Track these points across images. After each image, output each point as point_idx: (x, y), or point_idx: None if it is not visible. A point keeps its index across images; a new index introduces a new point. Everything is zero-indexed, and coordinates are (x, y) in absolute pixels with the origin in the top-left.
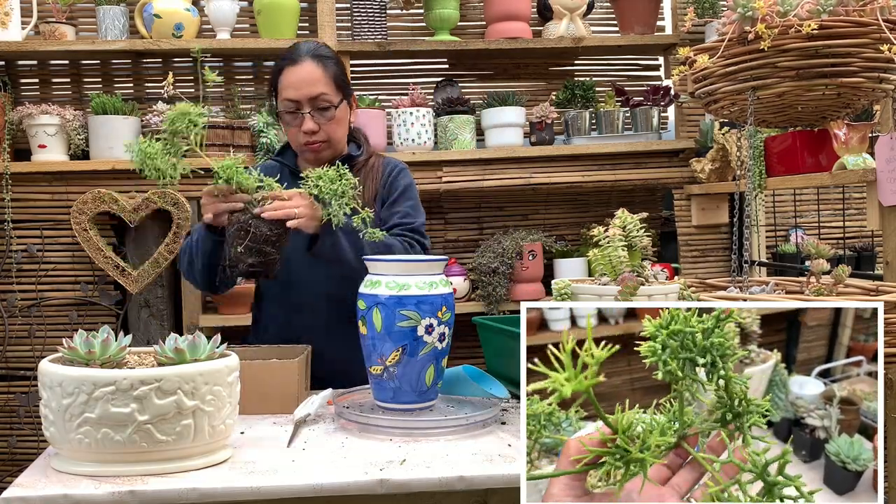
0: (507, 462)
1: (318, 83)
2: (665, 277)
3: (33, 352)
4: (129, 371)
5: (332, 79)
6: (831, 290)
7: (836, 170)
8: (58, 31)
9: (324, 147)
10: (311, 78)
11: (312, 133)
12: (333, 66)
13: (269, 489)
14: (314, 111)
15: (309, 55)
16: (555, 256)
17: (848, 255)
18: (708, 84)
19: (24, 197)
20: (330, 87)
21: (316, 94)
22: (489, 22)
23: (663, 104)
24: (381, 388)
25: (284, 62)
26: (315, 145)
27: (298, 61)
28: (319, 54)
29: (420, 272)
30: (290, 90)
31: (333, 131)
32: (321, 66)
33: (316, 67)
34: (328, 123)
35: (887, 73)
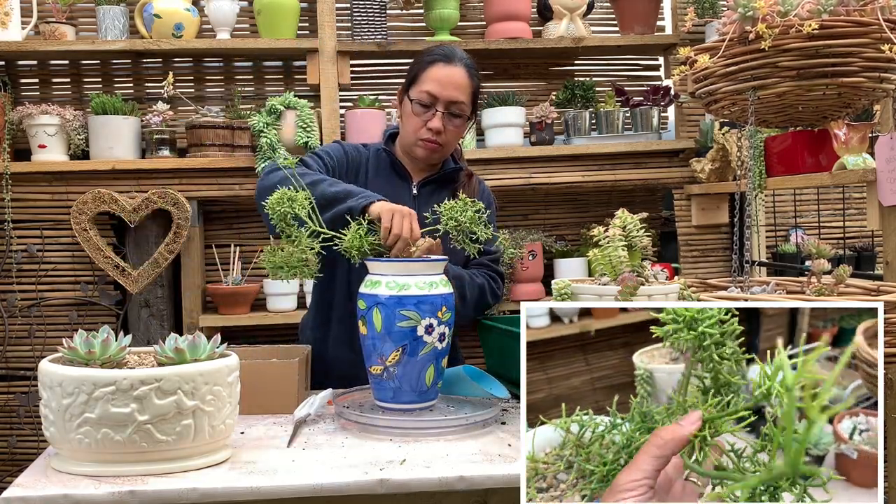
0: (507, 462)
1: (462, 90)
2: (665, 277)
3: (33, 352)
4: (129, 371)
5: (473, 92)
6: (832, 290)
7: (836, 170)
8: (58, 31)
9: (439, 149)
10: (459, 82)
11: (437, 132)
12: (477, 80)
13: (269, 489)
14: (446, 114)
15: (463, 62)
16: (555, 256)
17: (848, 255)
18: (708, 84)
19: (24, 197)
20: (468, 98)
21: (456, 99)
22: (489, 22)
23: (663, 104)
24: (381, 388)
25: (437, 57)
26: (433, 144)
27: (452, 62)
28: (470, 65)
29: (420, 272)
30: (434, 85)
31: (453, 139)
32: (469, 76)
33: (465, 75)
34: (453, 130)
35: (888, 73)
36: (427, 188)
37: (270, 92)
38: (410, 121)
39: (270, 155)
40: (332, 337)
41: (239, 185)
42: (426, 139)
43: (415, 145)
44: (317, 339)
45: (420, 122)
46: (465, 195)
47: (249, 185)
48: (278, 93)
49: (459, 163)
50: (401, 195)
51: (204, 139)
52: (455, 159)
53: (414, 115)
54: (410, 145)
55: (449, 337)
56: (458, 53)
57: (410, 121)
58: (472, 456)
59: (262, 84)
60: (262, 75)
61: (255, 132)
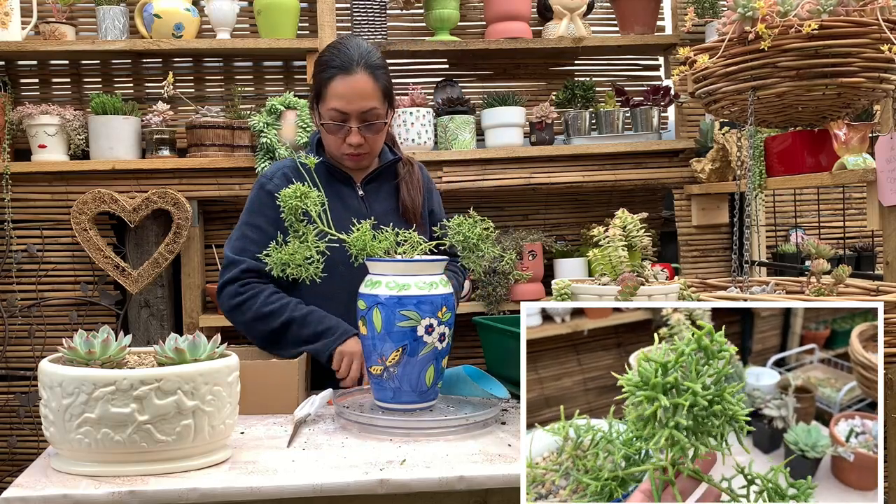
0: (507, 462)
1: (370, 97)
2: (665, 277)
3: (33, 352)
4: (129, 371)
5: (383, 91)
6: (832, 290)
7: (836, 170)
8: (58, 31)
9: (365, 156)
10: (363, 92)
11: (358, 145)
12: (384, 76)
13: (269, 489)
14: (361, 125)
15: (362, 65)
16: (555, 256)
17: (848, 255)
18: (708, 84)
19: (24, 197)
20: (380, 100)
21: (367, 108)
22: (489, 22)
23: (663, 104)
24: (381, 388)
25: (335, 70)
26: (358, 156)
27: (351, 71)
28: (372, 63)
29: (420, 272)
30: (339, 101)
31: (377, 142)
32: (373, 77)
33: (368, 80)
34: (374, 136)
35: (887, 73)
36: (371, 185)
37: (270, 92)
38: (329, 138)
39: (270, 156)
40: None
41: (239, 185)
42: (349, 154)
43: (342, 158)
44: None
45: (339, 139)
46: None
47: (249, 185)
48: (278, 93)
49: (396, 152)
50: (349, 198)
51: (204, 139)
52: (391, 149)
53: (331, 133)
54: (338, 159)
55: (449, 337)
56: (354, 55)
57: (329, 138)
58: (472, 456)
59: (262, 84)
60: (262, 75)
61: (255, 132)
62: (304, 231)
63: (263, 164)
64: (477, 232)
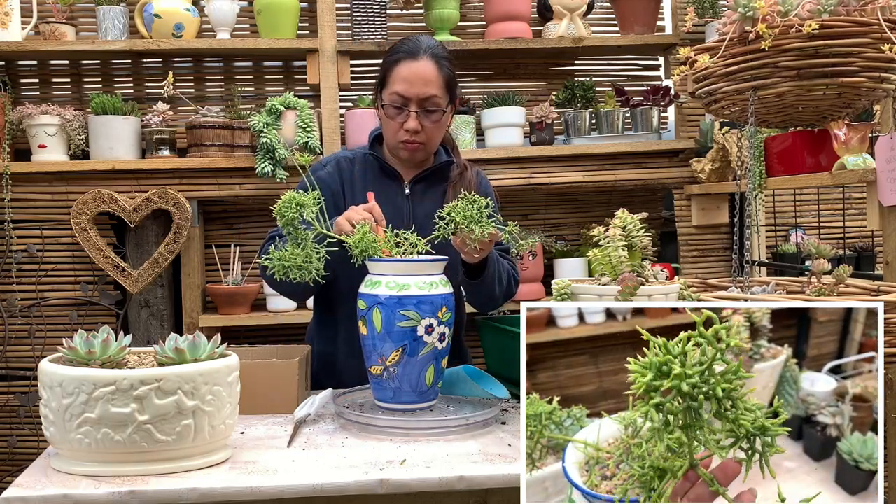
0: (507, 462)
1: (432, 84)
2: (665, 277)
3: (33, 352)
4: (129, 371)
5: (445, 82)
6: (832, 290)
7: (836, 170)
8: (58, 31)
9: (421, 148)
10: (427, 77)
11: (415, 132)
12: (448, 68)
13: (269, 489)
14: (421, 111)
15: (428, 53)
16: (555, 256)
17: (848, 255)
18: (708, 84)
19: (24, 197)
20: (442, 90)
21: (428, 95)
22: (489, 22)
23: (663, 104)
24: (381, 388)
25: (401, 54)
26: (413, 145)
27: (417, 57)
28: (438, 54)
29: (420, 272)
30: (402, 85)
31: (434, 134)
32: (437, 66)
33: (433, 67)
34: (431, 126)
35: (888, 73)
36: (420, 185)
37: (270, 92)
38: (388, 124)
39: (271, 156)
40: (339, 348)
41: (239, 185)
42: (406, 140)
43: (397, 147)
44: (325, 351)
45: (397, 125)
46: (462, 189)
47: (249, 185)
48: (278, 93)
49: (453, 155)
50: (394, 196)
51: (204, 139)
52: (448, 152)
53: (389, 119)
54: (393, 148)
55: (449, 337)
56: (423, 45)
57: (388, 124)
58: (472, 456)
59: (262, 84)
60: (262, 75)
61: (255, 132)
62: (302, 238)
63: (263, 164)
64: (469, 213)
